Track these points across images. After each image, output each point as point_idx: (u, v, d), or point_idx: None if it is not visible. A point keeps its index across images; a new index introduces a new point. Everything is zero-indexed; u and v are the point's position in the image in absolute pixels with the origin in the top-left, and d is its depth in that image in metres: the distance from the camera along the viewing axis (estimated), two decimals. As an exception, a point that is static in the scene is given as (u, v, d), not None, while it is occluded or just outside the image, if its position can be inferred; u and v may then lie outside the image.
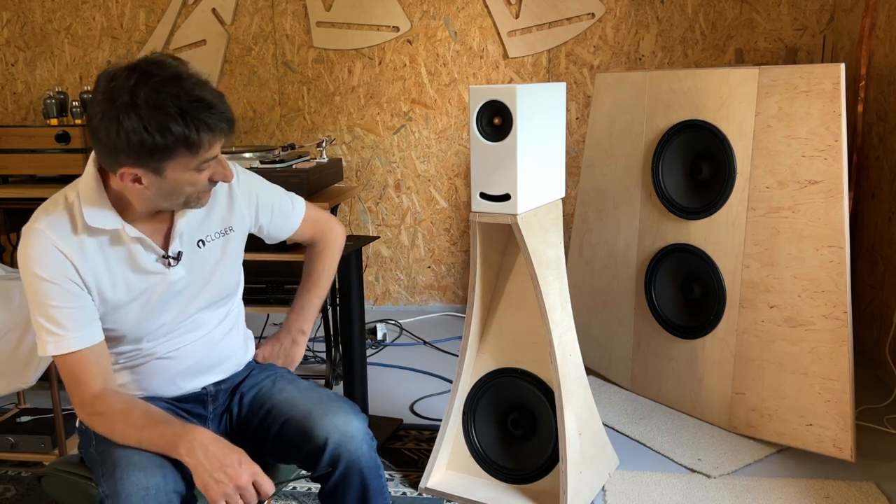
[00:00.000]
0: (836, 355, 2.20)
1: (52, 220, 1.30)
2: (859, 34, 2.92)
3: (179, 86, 1.21)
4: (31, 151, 2.72)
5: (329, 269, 1.71)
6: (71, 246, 1.30)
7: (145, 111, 1.19)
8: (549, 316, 1.96)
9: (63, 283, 1.29)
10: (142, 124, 1.19)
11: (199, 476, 1.22)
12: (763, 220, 2.31)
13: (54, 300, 1.29)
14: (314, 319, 1.72)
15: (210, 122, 1.22)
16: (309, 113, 3.73)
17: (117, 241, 1.34)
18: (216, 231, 1.46)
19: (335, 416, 1.42)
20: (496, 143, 1.84)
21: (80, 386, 1.32)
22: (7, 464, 2.36)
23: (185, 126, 1.20)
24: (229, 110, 1.27)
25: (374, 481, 1.43)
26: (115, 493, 1.24)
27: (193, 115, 1.21)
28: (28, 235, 1.29)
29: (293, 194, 1.64)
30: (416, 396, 2.82)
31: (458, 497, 2.11)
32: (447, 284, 3.82)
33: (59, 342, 1.30)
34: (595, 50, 3.50)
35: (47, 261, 1.28)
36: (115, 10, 3.71)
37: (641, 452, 2.37)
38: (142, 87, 1.20)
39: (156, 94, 1.19)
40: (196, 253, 1.43)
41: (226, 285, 1.50)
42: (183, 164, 1.25)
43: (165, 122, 1.19)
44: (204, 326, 1.48)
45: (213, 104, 1.23)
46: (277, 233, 1.61)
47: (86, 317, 1.32)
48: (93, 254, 1.32)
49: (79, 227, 1.31)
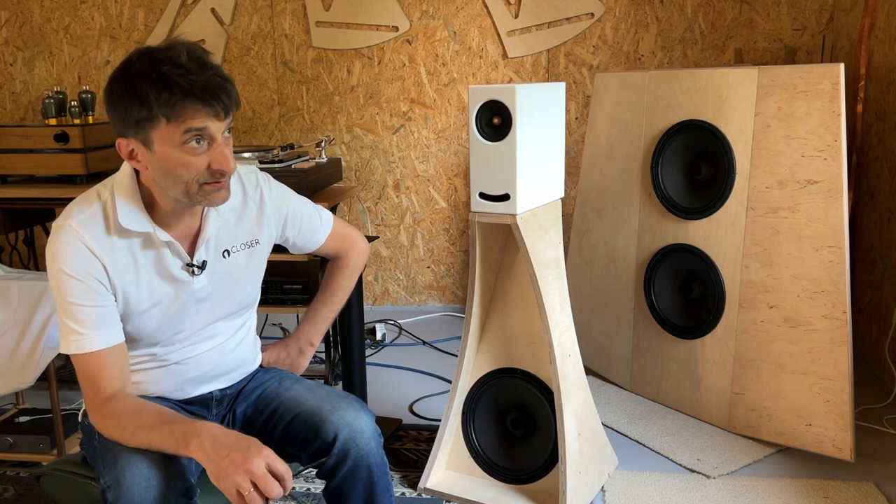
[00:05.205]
0: (836, 355, 2.20)
1: (85, 218, 1.29)
2: (859, 34, 2.92)
3: (168, 55, 1.21)
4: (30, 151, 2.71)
5: (347, 285, 1.71)
6: (102, 246, 1.29)
7: (131, 78, 1.21)
8: (548, 316, 1.96)
9: (89, 282, 1.28)
10: (126, 91, 1.21)
11: (211, 470, 1.18)
12: (762, 220, 2.31)
13: (78, 298, 1.28)
14: (324, 332, 1.72)
15: (187, 87, 1.19)
16: (308, 113, 3.72)
17: (148, 245, 1.34)
18: (242, 242, 1.45)
19: (345, 412, 1.42)
20: (495, 143, 1.84)
21: (96, 388, 1.30)
22: (6, 464, 2.36)
23: (160, 90, 1.19)
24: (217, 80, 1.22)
25: (381, 478, 1.43)
26: (117, 483, 1.23)
27: (173, 79, 1.19)
28: (59, 232, 1.28)
29: (321, 207, 1.63)
30: (415, 396, 2.82)
31: (458, 497, 2.11)
32: (446, 284, 3.82)
33: (80, 341, 1.28)
34: (594, 50, 3.49)
35: (76, 258, 1.27)
36: (114, 9, 3.71)
37: (641, 452, 2.37)
38: (137, 58, 1.22)
39: (144, 63, 1.20)
40: (220, 263, 1.42)
41: (246, 297, 1.49)
42: (167, 136, 1.22)
43: (144, 88, 1.19)
44: (219, 336, 1.48)
45: (193, 70, 1.20)
46: (303, 245, 1.61)
47: (108, 316, 1.31)
48: (123, 256, 1.31)
49: (112, 227, 1.30)
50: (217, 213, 1.40)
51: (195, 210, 1.37)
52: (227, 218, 1.42)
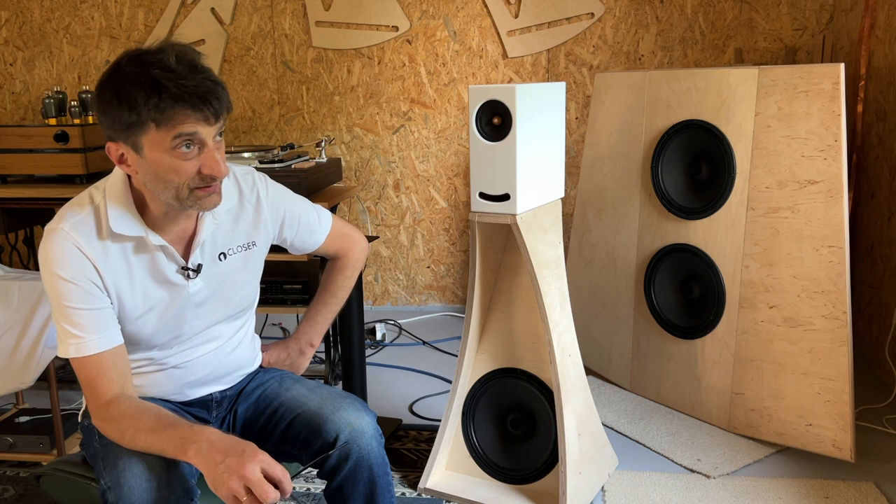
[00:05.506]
0: (836, 355, 2.20)
1: (77, 221, 1.28)
2: (859, 34, 2.92)
3: (158, 59, 1.19)
4: (30, 151, 2.71)
5: (347, 285, 1.70)
6: (94, 250, 1.28)
7: (120, 82, 1.19)
8: (548, 316, 1.96)
9: (84, 285, 1.27)
10: (115, 95, 1.19)
11: (208, 476, 1.17)
12: (762, 220, 2.31)
13: (74, 301, 1.27)
14: (324, 333, 1.71)
15: (177, 92, 1.17)
16: (308, 113, 3.72)
17: (141, 249, 1.33)
18: (239, 245, 1.44)
19: (347, 412, 1.42)
20: (495, 143, 1.84)
21: (96, 391, 1.30)
22: (5, 464, 2.36)
23: (149, 95, 1.17)
24: (208, 84, 1.21)
25: (382, 478, 1.43)
26: (117, 484, 1.22)
27: (162, 84, 1.17)
28: (51, 235, 1.27)
29: (320, 208, 1.61)
30: (415, 397, 2.82)
31: (458, 497, 2.11)
32: (446, 284, 3.82)
33: (79, 344, 1.28)
34: (594, 50, 3.49)
35: (69, 261, 1.26)
36: (113, 9, 3.71)
37: (641, 452, 2.37)
38: (126, 62, 1.20)
39: (133, 66, 1.19)
40: (217, 266, 1.41)
41: (243, 300, 1.48)
42: (157, 141, 1.21)
43: (133, 92, 1.17)
44: (218, 339, 1.47)
45: (182, 75, 1.18)
46: (301, 246, 1.60)
47: (105, 319, 1.30)
48: (116, 260, 1.30)
49: (104, 231, 1.29)
50: (212, 215, 1.38)
51: (190, 213, 1.35)
52: (223, 220, 1.41)
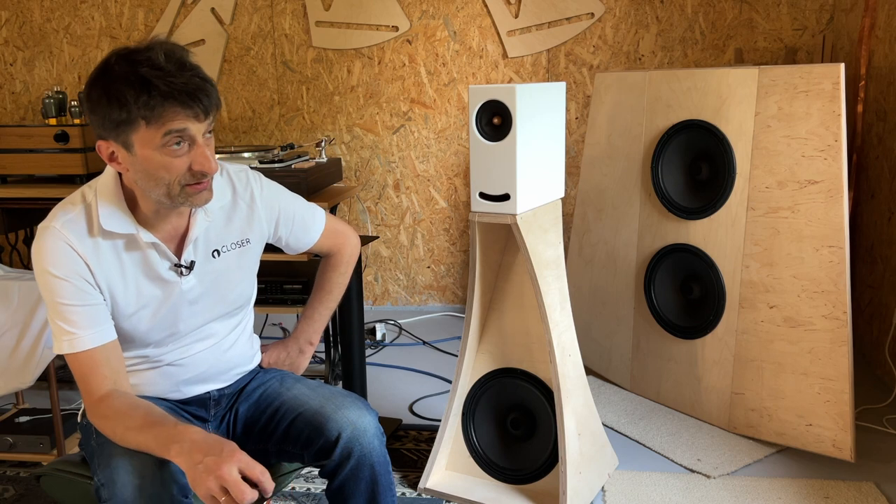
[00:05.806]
0: (836, 355, 2.20)
1: (68, 219, 1.29)
2: (859, 34, 2.92)
3: (147, 57, 1.20)
4: (30, 151, 2.71)
5: (342, 282, 1.70)
6: (86, 247, 1.29)
7: (109, 81, 1.20)
8: (548, 316, 1.96)
9: (76, 282, 1.28)
10: (104, 93, 1.20)
11: (189, 476, 1.17)
12: (763, 220, 2.31)
13: (66, 298, 1.28)
14: (323, 330, 1.71)
15: (166, 89, 1.18)
16: (308, 113, 3.72)
17: (133, 247, 1.33)
18: (233, 242, 1.44)
19: (349, 411, 1.42)
20: (495, 143, 1.84)
21: (89, 388, 1.30)
22: (6, 464, 2.36)
23: (139, 93, 1.18)
24: (197, 81, 1.21)
25: (384, 476, 1.43)
26: (110, 481, 1.23)
27: (151, 82, 1.18)
28: (43, 234, 1.29)
29: (314, 205, 1.62)
30: (415, 396, 2.82)
31: (458, 497, 2.11)
32: (446, 284, 3.82)
33: (72, 340, 1.29)
34: (594, 50, 3.49)
35: (61, 259, 1.27)
36: (113, 9, 3.71)
37: (641, 452, 2.37)
38: (115, 60, 1.21)
39: (122, 65, 1.20)
40: (210, 263, 1.41)
41: (239, 297, 1.48)
42: (147, 138, 1.21)
43: (122, 90, 1.18)
44: (214, 336, 1.47)
45: (171, 72, 1.19)
46: (296, 244, 1.60)
47: (98, 315, 1.31)
48: (107, 257, 1.31)
49: (95, 229, 1.30)
50: (205, 212, 1.38)
51: (182, 210, 1.36)
52: (216, 217, 1.41)
